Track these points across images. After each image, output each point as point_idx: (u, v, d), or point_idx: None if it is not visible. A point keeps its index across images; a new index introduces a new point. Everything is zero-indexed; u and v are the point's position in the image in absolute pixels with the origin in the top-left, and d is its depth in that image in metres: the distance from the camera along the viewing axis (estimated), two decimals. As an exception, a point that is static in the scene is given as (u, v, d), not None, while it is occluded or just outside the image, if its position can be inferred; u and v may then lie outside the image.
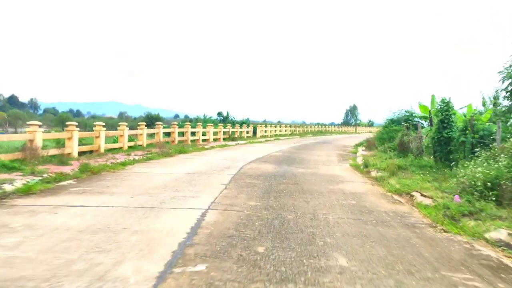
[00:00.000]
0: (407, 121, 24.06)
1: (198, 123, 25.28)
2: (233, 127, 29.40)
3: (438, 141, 10.68)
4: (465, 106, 17.47)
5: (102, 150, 13.18)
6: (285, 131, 43.04)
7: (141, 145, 16.40)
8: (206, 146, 19.56)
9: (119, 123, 15.39)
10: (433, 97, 24.81)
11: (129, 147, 15.46)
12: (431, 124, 15.06)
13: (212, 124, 25.29)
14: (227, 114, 45.13)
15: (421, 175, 9.90)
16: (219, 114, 46.27)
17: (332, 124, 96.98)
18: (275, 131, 39.49)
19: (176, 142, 19.74)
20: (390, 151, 16.61)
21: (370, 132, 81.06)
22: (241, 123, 35.84)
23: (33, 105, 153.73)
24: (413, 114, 24.31)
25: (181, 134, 23.64)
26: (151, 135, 18.17)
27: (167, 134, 21.94)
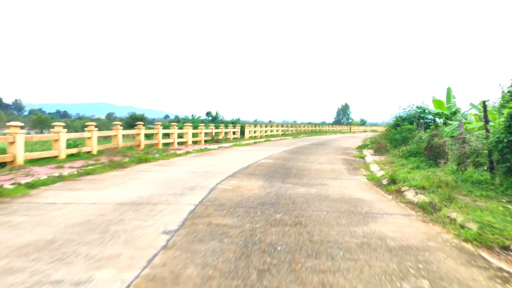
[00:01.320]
0: (420, 119, 20.58)
1: (187, 124, 21.55)
2: (217, 127, 25.63)
3: (509, 146, 7.06)
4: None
5: (19, 161, 9.32)
6: (277, 131, 39.40)
7: (89, 152, 12.57)
8: (179, 151, 15.78)
9: (53, 123, 11.48)
10: (449, 90, 21.29)
11: (71, 154, 11.64)
12: (459, 125, 11.50)
13: (191, 125, 21.52)
14: (216, 114, 43.34)
15: (495, 201, 6.31)
16: (208, 114, 44.28)
17: (323, 123, 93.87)
18: (266, 131, 35.82)
19: (142, 146, 15.94)
20: (409, 156, 13.05)
21: (365, 131, 77.79)
22: (231, 123, 32.45)
23: (18, 106, 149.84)
24: (426, 110, 20.84)
25: (166, 135, 19.92)
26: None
27: (149, 136, 18.14)
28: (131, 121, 57.65)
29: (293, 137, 37.08)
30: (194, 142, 21.79)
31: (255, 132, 32.61)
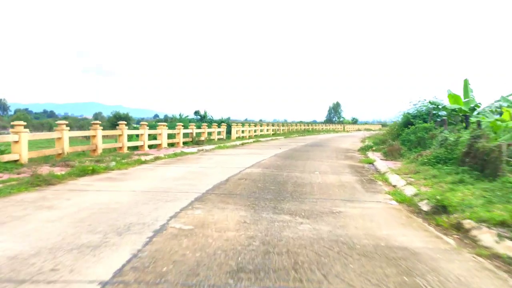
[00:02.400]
0: (433, 116, 17.74)
1: (161, 124, 18.47)
2: (199, 127, 22.53)
3: None
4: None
5: None
6: (267, 131, 36.40)
7: (16, 161, 9.40)
8: (146, 157, 12.67)
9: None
10: (466, 82, 18.39)
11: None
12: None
13: (166, 124, 18.38)
14: (205, 113, 41.71)
15: None
16: (196, 113, 42.54)
17: (314, 122, 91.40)
18: (255, 131, 32.79)
19: (99, 152, 12.81)
20: (436, 163, 10.16)
21: (359, 130, 75.23)
22: (220, 122, 29.65)
23: (2, 105, 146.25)
24: (439, 106, 18.03)
25: (136, 137, 16.88)
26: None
27: (134, 136, 15.04)
28: (115, 121, 54.35)
29: (285, 137, 34.13)
30: (171, 145, 18.67)
31: (243, 132, 29.57)
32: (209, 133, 23.70)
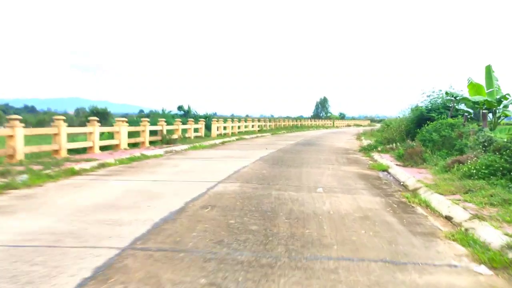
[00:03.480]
0: (448, 109, 14.74)
1: (119, 120, 15.08)
2: (170, 124, 19.16)
3: None
4: None
5: None
6: (252, 127, 33.14)
7: None
8: (84, 166, 9.29)
9: None
10: (488, 69, 15.27)
11: None
12: None
13: (125, 120, 14.97)
14: (189, 108, 39.62)
15: None
16: (180, 108, 40.57)
17: (301, 118, 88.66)
18: (239, 127, 29.50)
19: (19, 157, 9.36)
20: (490, 175, 7.11)
21: (348, 125, 72.58)
22: (204, 118, 26.71)
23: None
24: (457, 97, 15.05)
25: (109, 136, 13.62)
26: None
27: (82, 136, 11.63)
28: (92, 116, 50.29)
29: (272, 134, 30.95)
30: (134, 145, 15.28)
31: (225, 128, 26.25)
32: (184, 130, 20.33)
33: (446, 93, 14.38)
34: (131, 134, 15.34)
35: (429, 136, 11.20)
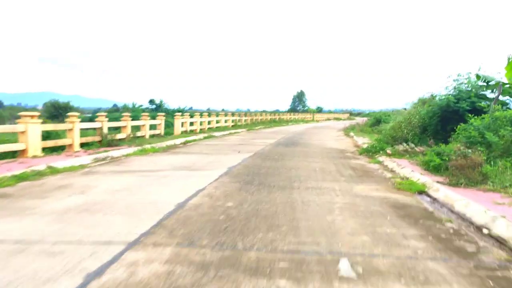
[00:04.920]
0: (480, 98, 11.16)
1: (25, 114, 10.81)
2: (154, 117, 14.97)
3: None
4: None
5: None
6: (226, 122, 29.04)
7: None
8: None
9: None
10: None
11: None
12: None
13: (36, 115, 10.58)
14: (161, 101, 38.22)
15: None
16: (151, 101, 38.87)
17: (277, 111, 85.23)
18: (209, 122, 25.36)
19: None
20: None
21: (328, 119, 69.26)
22: (177, 112, 23.10)
23: None
24: (490, 83, 11.49)
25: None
26: None
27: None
28: (53, 111, 44.85)
29: (248, 130, 26.98)
30: (55, 149, 10.99)
31: (192, 124, 22.07)
32: (136, 128, 16.09)
33: (477, 76, 10.75)
34: (50, 135, 11.07)
35: (478, 137, 7.50)
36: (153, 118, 18.15)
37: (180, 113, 21.10)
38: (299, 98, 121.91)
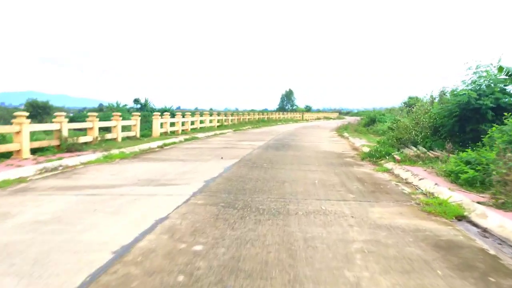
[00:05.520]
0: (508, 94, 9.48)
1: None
2: (124, 119, 13.03)
3: None
4: None
5: None
6: (211, 122, 27.20)
7: None
8: None
9: None
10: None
11: None
12: None
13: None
14: (146, 101, 36.75)
15: None
16: (136, 101, 37.29)
17: (265, 111, 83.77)
18: (193, 123, 23.49)
19: None
20: None
21: (318, 118, 67.84)
22: (163, 112, 21.44)
23: None
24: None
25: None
26: None
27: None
28: (32, 111, 42.35)
29: (235, 131, 25.22)
30: (2, 155, 9.07)
31: (172, 125, 20.18)
32: (106, 129, 14.19)
33: (500, 68, 9.17)
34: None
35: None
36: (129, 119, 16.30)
37: (159, 113, 19.19)
38: (288, 97, 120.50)
